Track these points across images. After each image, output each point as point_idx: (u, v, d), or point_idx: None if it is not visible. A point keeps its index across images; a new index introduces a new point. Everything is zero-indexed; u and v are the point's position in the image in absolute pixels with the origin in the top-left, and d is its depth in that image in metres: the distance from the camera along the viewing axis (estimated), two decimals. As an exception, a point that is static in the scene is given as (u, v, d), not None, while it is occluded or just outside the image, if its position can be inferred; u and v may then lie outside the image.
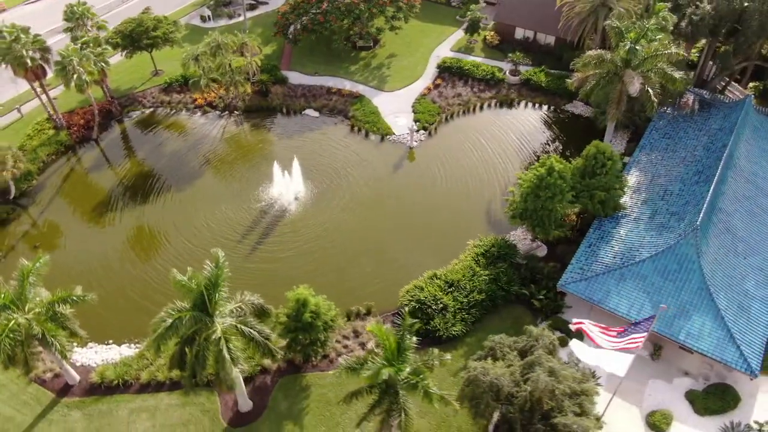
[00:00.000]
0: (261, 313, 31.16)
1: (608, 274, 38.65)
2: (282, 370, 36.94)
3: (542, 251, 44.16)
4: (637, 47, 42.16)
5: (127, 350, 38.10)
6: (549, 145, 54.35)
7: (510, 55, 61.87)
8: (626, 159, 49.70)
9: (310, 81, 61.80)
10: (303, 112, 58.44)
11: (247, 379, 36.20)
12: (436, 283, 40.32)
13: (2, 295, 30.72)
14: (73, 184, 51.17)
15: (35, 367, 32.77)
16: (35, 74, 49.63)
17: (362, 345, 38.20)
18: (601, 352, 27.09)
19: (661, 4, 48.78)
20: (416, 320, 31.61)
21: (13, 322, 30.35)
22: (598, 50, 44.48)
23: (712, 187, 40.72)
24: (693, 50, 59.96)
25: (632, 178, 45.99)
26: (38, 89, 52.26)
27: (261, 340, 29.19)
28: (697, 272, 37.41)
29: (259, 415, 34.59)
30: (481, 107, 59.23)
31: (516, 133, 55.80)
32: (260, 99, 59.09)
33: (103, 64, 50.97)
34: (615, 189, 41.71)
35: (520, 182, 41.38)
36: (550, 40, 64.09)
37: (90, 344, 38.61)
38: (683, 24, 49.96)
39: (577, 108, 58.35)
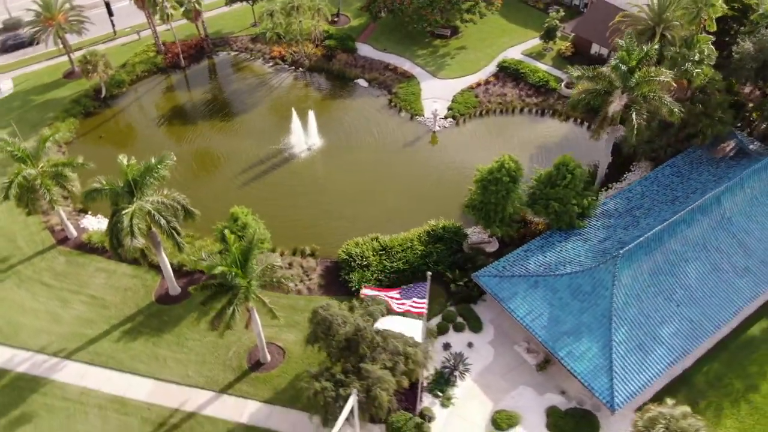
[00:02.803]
0: (186, 213, 37.61)
1: (524, 278, 39.21)
2: (218, 275, 43.30)
3: (492, 247, 45.17)
4: (622, 66, 41.01)
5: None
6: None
7: (569, 67, 61.05)
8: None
9: (376, 56, 66.60)
10: (355, 80, 63.71)
11: (188, 273, 43.25)
12: (372, 245, 43.74)
13: (21, 151, 40.52)
14: (151, 98, 62.02)
15: (37, 212, 42.57)
16: (143, 3, 60.78)
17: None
18: (400, 323, 28.87)
19: (703, 36, 45.90)
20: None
21: (24, 171, 40.13)
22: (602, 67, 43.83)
23: (662, 225, 38.91)
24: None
25: (612, 203, 44.79)
26: (148, 18, 63.71)
27: (167, 227, 35.68)
28: (607, 299, 36.71)
29: (180, 301, 41.35)
30: (521, 111, 59.68)
31: (539, 142, 55.77)
32: (324, 62, 65.45)
33: (196, 4, 60.67)
34: (572, 204, 41.49)
35: (477, 173, 42.85)
36: (623, 61, 61.85)
37: (98, 215, 48.38)
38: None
39: (618, 132, 56.26)
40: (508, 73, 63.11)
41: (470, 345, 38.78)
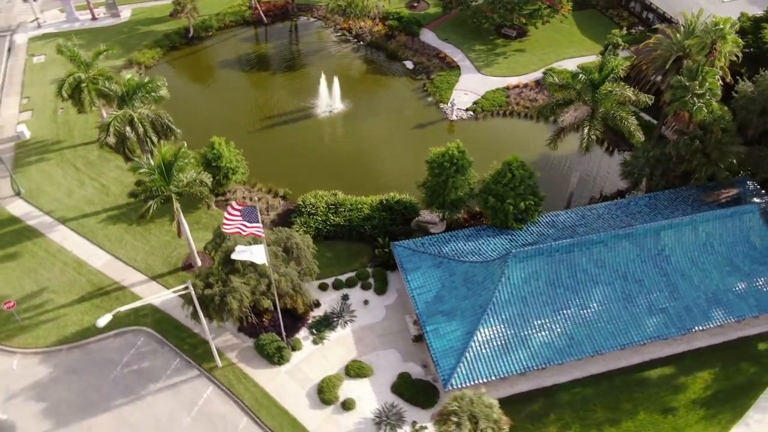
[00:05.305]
0: (167, 129, 45.00)
1: (432, 257, 41.29)
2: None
3: (437, 229, 47.13)
4: (581, 75, 40.58)
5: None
6: (557, 177, 53.10)
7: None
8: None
9: (435, 43, 69.39)
10: (403, 61, 67.52)
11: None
12: (327, 199, 48.06)
13: (76, 57, 50.51)
14: (228, 45, 71.15)
15: (87, 111, 52.49)
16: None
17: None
18: (249, 250, 32.83)
19: (710, 69, 43.10)
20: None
21: (75, 74, 50.19)
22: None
23: (570, 240, 38.69)
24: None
25: (564, 216, 44.48)
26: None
27: (143, 135, 43.29)
28: (490, 292, 37.92)
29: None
30: (546, 119, 59.41)
31: (545, 150, 55.37)
32: (383, 40, 69.97)
33: (279, -30, 68.46)
34: (508, 203, 42.30)
35: (430, 154, 44.99)
36: (673, 90, 58.68)
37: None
38: (743, 103, 43.40)
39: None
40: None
41: (366, 302, 41.96)
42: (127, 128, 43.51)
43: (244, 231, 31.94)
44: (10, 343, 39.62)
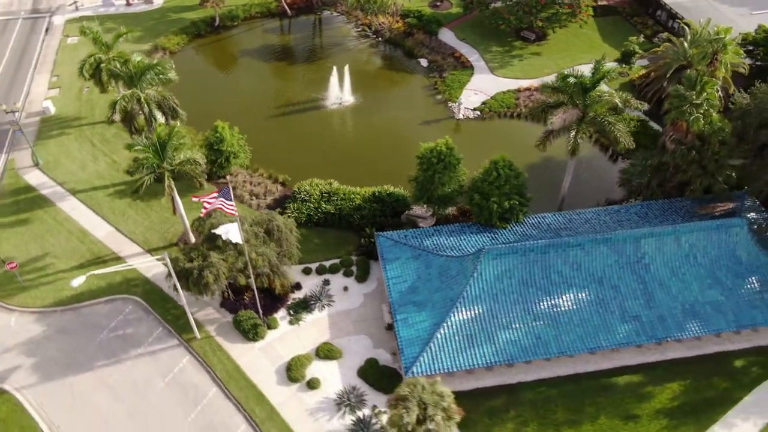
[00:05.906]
0: (173, 111, 47.15)
1: (412, 249, 42.07)
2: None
3: (426, 223, 47.86)
4: (569, 79, 40.58)
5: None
6: (558, 181, 52.85)
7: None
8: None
9: (451, 42, 69.86)
10: (419, 59, 68.30)
11: (183, 166, 53.19)
12: (322, 187, 49.38)
13: (99, 38, 53.23)
14: (252, 35, 73.31)
15: (107, 91, 55.25)
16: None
17: (253, 193, 50.93)
18: (226, 228, 34.44)
19: (710, 79, 42.46)
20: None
21: (96, 54, 52.93)
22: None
23: (547, 241, 38.81)
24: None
25: (551, 218, 44.62)
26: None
27: (147, 114, 45.48)
28: (461, 286, 38.57)
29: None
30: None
31: (547, 153, 55.13)
32: (402, 37, 70.90)
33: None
34: (492, 201, 42.70)
35: (420, 150, 45.71)
36: (686, 101, 57.67)
37: (157, 109, 60.70)
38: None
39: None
40: (561, 85, 62.57)
41: (346, 288, 43.10)
42: (136, 108, 45.94)
43: (206, 207, 33.76)
44: (10, 302, 42.39)
